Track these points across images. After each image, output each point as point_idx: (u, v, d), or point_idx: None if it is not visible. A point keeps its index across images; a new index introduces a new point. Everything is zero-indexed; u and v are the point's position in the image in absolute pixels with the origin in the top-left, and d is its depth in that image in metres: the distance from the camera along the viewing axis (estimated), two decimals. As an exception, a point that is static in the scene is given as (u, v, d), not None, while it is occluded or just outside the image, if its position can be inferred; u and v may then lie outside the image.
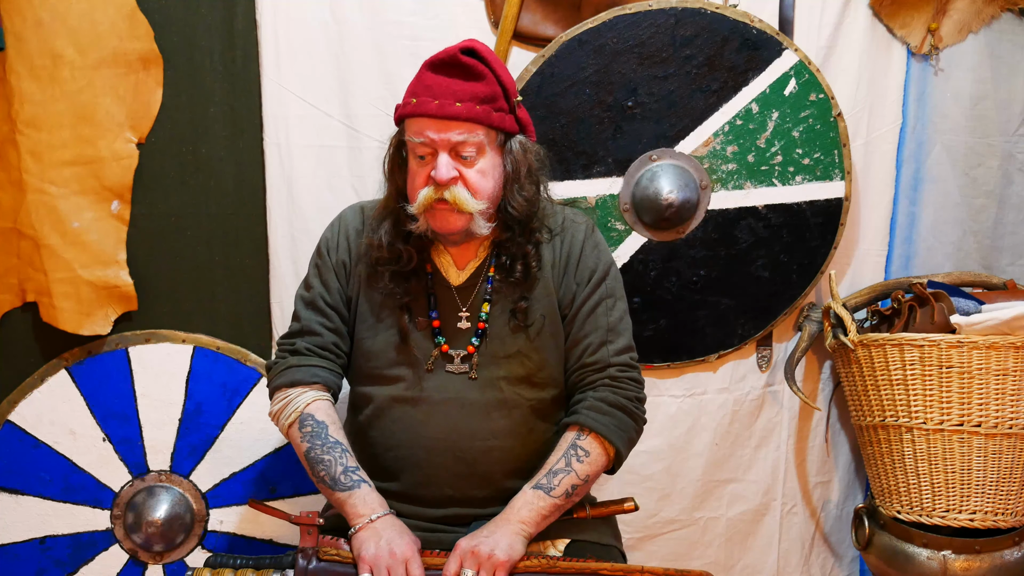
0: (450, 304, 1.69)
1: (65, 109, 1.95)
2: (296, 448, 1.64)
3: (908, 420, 2.09)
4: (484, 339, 1.67)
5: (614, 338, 1.70)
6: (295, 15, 2.05)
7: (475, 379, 1.66)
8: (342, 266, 1.72)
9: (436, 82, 1.58)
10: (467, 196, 1.58)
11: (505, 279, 1.67)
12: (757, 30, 2.10)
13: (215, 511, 2.13)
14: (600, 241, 1.77)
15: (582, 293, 1.70)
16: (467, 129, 1.56)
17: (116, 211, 2.03)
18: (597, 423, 1.63)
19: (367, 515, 1.53)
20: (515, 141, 1.65)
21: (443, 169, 1.56)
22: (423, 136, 1.57)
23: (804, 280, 2.26)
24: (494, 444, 1.65)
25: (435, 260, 1.71)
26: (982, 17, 2.30)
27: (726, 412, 2.35)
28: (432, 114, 1.55)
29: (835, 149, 2.18)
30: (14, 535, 2.06)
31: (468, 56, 1.58)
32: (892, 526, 2.17)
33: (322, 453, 1.59)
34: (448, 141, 1.56)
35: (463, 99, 1.56)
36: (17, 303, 2.05)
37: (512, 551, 1.50)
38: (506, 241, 1.67)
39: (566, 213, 1.77)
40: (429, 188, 1.58)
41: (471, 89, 1.57)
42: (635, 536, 2.35)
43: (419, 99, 1.57)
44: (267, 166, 2.10)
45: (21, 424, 2.06)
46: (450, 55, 1.58)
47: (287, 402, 1.65)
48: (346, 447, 1.61)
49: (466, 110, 1.56)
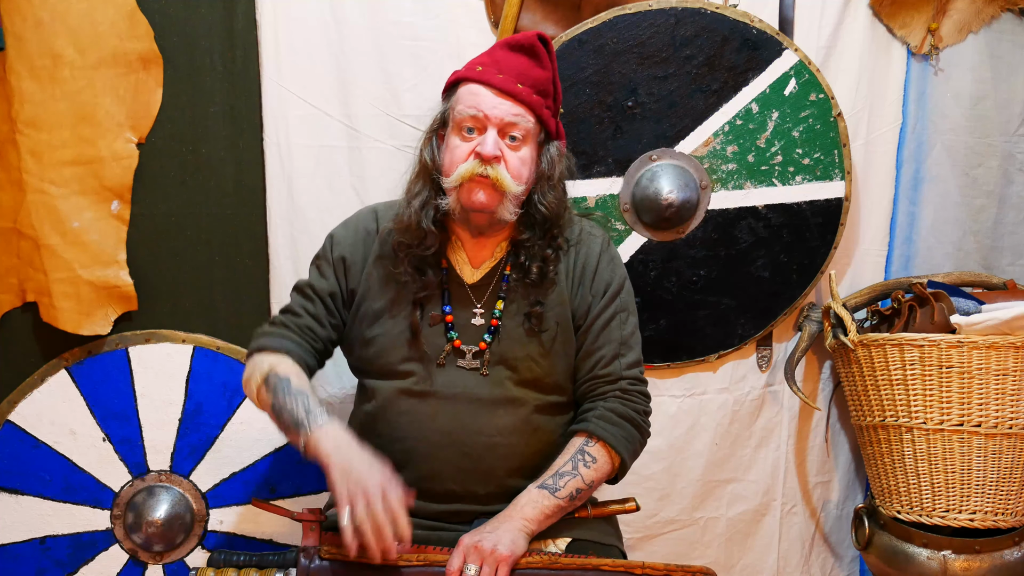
0: (464, 300, 1.70)
1: (65, 109, 1.95)
2: (265, 409, 1.62)
3: (908, 420, 2.09)
4: (497, 337, 1.69)
5: (626, 352, 1.72)
6: (295, 15, 2.05)
7: (486, 375, 1.67)
8: (341, 261, 1.73)
9: (506, 58, 1.64)
10: (508, 176, 1.61)
11: (521, 279, 1.69)
12: (757, 30, 2.11)
13: (215, 511, 2.13)
14: (615, 255, 1.80)
15: (597, 305, 1.72)
16: (521, 111, 1.62)
17: (116, 211, 2.03)
18: (606, 432, 1.65)
19: (332, 451, 1.48)
20: (553, 144, 1.71)
21: (490, 145, 1.59)
22: (476, 108, 1.61)
23: (804, 280, 2.26)
24: (498, 440, 1.66)
25: (451, 257, 1.72)
26: (982, 17, 2.30)
27: (726, 412, 2.35)
28: (495, 84, 1.61)
29: (835, 149, 2.18)
30: (14, 535, 2.06)
31: (542, 44, 1.66)
32: (892, 526, 2.17)
33: (285, 400, 1.56)
34: (501, 119, 1.61)
35: (525, 82, 1.63)
36: (17, 303, 2.05)
37: (515, 547, 1.51)
38: (526, 241, 1.69)
39: (583, 225, 1.79)
40: (472, 162, 1.60)
41: (535, 74, 1.64)
42: (635, 536, 2.35)
43: (485, 68, 1.63)
44: (267, 166, 2.10)
45: (21, 424, 2.06)
46: (528, 37, 1.65)
47: (254, 367, 1.66)
48: (310, 395, 1.58)
49: (526, 93, 1.62)
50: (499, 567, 1.48)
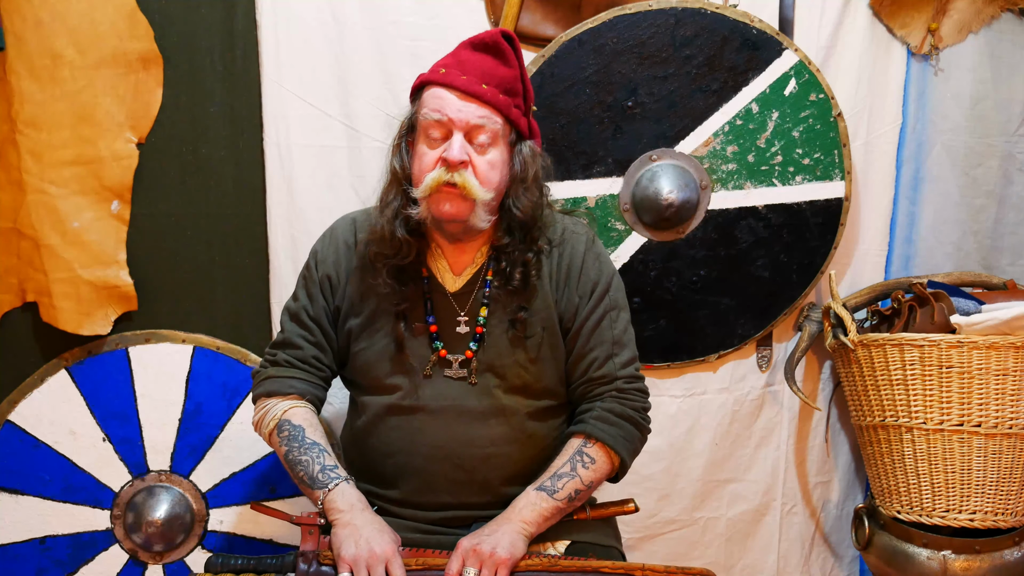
0: (447, 309, 1.67)
1: (65, 109, 1.95)
2: (278, 454, 1.65)
3: (908, 420, 2.09)
4: (482, 344, 1.66)
5: (619, 351, 1.69)
6: (295, 15, 2.05)
7: (475, 384, 1.65)
8: (327, 280, 1.70)
9: (470, 58, 1.58)
10: (476, 183, 1.55)
11: (503, 286, 1.65)
12: (757, 30, 2.10)
13: (215, 511, 2.13)
14: (601, 252, 1.74)
15: (585, 307, 1.68)
16: (487, 112, 1.56)
17: (116, 211, 2.03)
18: (604, 433, 1.63)
19: (346, 510, 1.52)
20: (525, 144, 1.64)
21: (456, 150, 1.54)
22: (441, 113, 1.55)
23: (804, 280, 2.26)
24: (492, 451, 1.64)
25: (431, 265, 1.68)
26: (982, 17, 2.30)
27: (726, 412, 2.35)
28: (459, 87, 1.55)
29: (835, 149, 2.18)
30: (14, 535, 2.06)
31: (506, 41, 1.60)
32: (892, 526, 2.17)
33: (299, 454, 1.59)
34: (466, 122, 1.55)
35: (490, 82, 1.57)
36: (17, 303, 2.05)
37: (514, 549, 1.50)
38: (506, 246, 1.64)
39: (565, 223, 1.74)
40: (439, 170, 1.55)
41: (500, 73, 1.58)
42: (635, 536, 2.35)
43: (448, 71, 1.57)
44: (267, 166, 2.10)
45: (21, 424, 2.06)
46: (491, 35, 1.59)
47: (266, 411, 1.67)
48: (324, 447, 1.61)
49: (491, 93, 1.56)
50: (498, 570, 1.48)
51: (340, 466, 1.60)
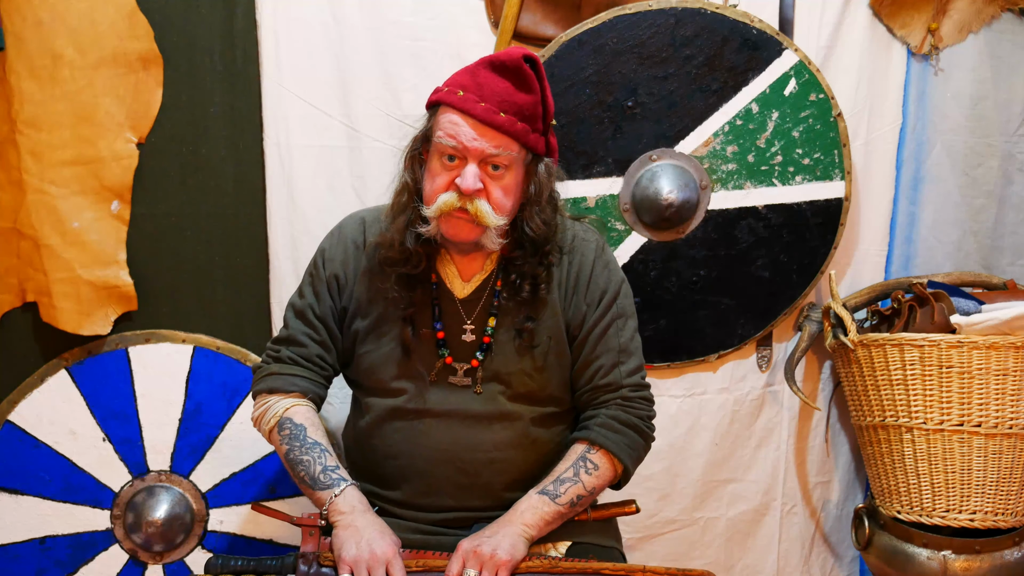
0: (455, 316, 1.66)
1: (65, 109, 1.94)
2: (278, 452, 1.65)
3: (908, 420, 2.09)
4: (488, 354, 1.65)
5: (626, 359, 1.68)
6: (295, 15, 2.05)
7: (480, 393, 1.65)
8: (334, 280, 1.69)
9: (489, 81, 1.52)
10: (489, 210, 1.53)
11: (512, 297, 1.64)
12: (757, 30, 2.10)
13: (215, 511, 2.13)
14: (611, 260, 1.74)
15: (592, 315, 1.68)
16: (503, 143, 1.52)
17: (116, 211, 2.03)
18: (608, 441, 1.63)
19: (348, 512, 1.52)
20: (542, 164, 1.61)
21: (470, 179, 1.51)
22: (456, 140, 1.51)
23: (804, 280, 2.26)
24: (496, 456, 1.64)
25: (440, 271, 1.67)
26: (982, 17, 2.30)
27: (726, 412, 2.35)
28: (476, 115, 1.51)
29: (835, 149, 2.18)
30: (14, 535, 2.06)
31: (529, 66, 1.53)
32: (892, 526, 2.17)
33: (301, 454, 1.59)
34: (482, 152, 1.51)
35: (508, 110, 1.51)
36: (17, 303, 2.05)
37: (514, 551, 1.50)
38: (516, 259, 1.63)
39: (576, 230, 1.72)
40: (451, 194, 1.52)
41: (519, 101, 1.52)
42: (635, 536, 2.35)
43: (466, 94, 1.52)
44: (267, 166, 2.10)
45: (21, 424, 2.05)
46: (513, 59, 1.52)
47: (266, 408, 1.66)
48: (325, 447, 1.61)
49: (508, 123, 1.51)
50: (498, 572, 1.48)
51: (342, 467, 1.60)
